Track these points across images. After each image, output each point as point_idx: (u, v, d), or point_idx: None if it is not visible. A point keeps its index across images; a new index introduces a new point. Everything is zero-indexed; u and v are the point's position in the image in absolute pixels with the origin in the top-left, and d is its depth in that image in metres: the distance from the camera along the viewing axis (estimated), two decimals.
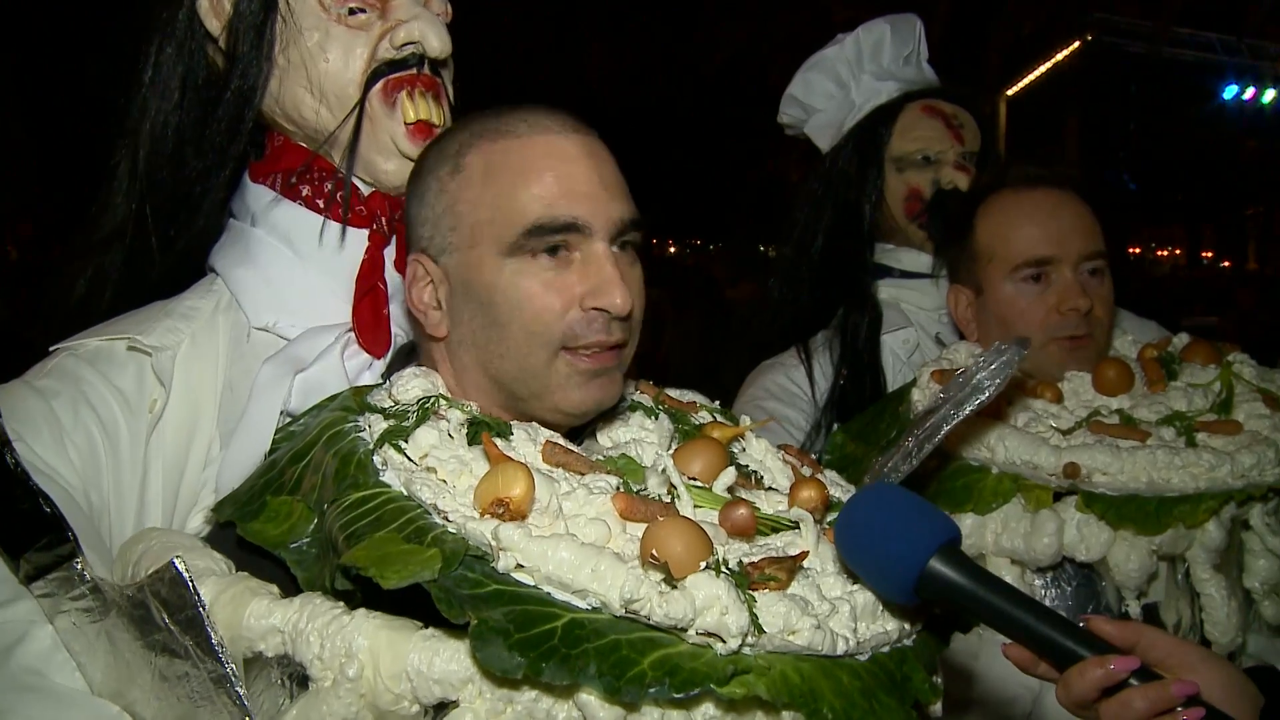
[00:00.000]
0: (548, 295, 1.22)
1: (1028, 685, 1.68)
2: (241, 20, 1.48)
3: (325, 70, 1.49)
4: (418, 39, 1.50)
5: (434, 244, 1.28)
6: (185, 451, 1.43)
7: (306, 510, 1.17)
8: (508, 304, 1.23)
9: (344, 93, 1.49)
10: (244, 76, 1.49)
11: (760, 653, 1.00)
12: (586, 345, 1.23)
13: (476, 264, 1.24)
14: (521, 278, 1.22)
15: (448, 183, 1.27)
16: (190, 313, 1.49)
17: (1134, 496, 1.69)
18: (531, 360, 1.24)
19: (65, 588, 1.15)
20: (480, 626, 0.94)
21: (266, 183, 1.55)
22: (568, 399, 1.25)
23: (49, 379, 1.39)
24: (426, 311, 1.29)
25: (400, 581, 0.98)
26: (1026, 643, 1.06)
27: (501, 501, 1.03)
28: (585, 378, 1.24)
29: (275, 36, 1.49)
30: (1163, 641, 1.06)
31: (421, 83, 1.51)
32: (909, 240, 2.39)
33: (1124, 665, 1.01)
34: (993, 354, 1.65)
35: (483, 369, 1.27)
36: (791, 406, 2.26)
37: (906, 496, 1.13)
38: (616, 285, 1.22)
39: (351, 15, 1.50)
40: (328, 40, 1.49)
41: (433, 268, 1.28)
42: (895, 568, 1.07)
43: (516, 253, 1.22)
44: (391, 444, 1.15)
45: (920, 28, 2.52)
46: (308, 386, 1.41)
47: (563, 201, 1.22)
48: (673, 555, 1.00)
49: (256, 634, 1.07)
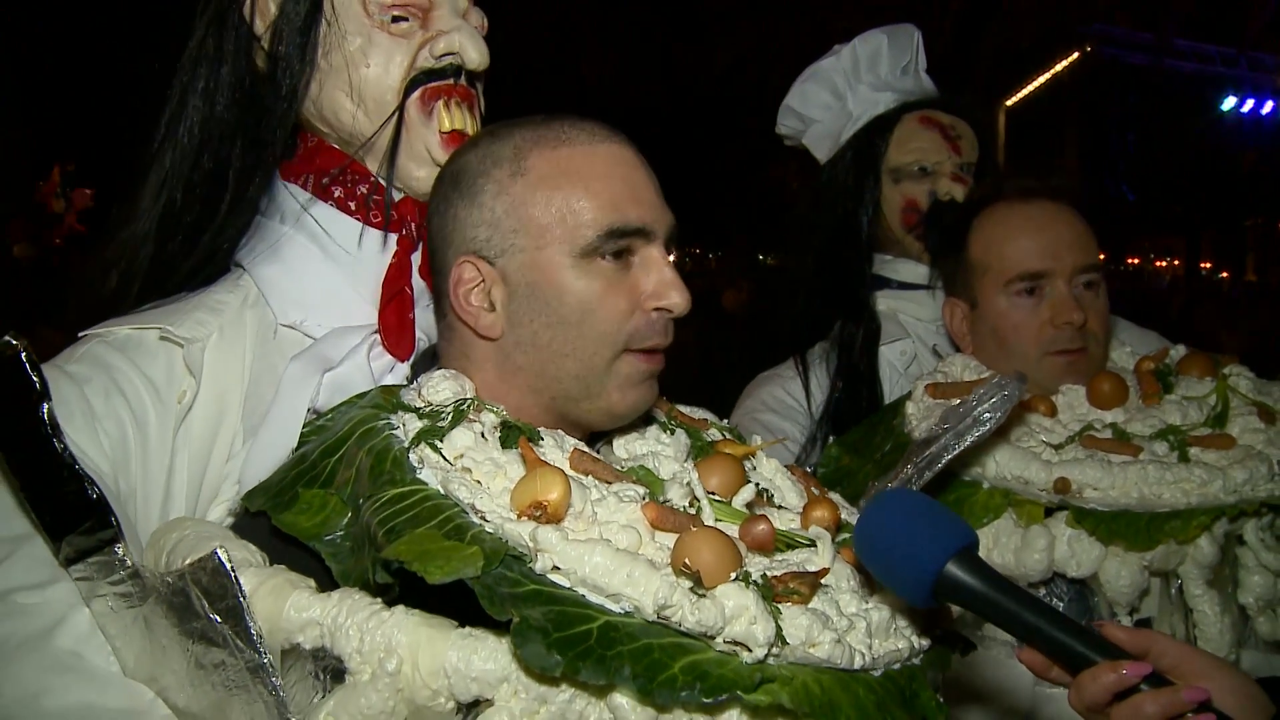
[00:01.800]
0: (616, 296, 1.27)
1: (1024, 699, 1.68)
2: (286, 22, 1.50)
3: (365, 76, 1.51)
4: (457, 50, 1.52)
5: (491, 245, 1.29)
6: (210, 444, 1.44)
7: (340, 504, 1.18)
8: (579, 305, 1.26)
9: (382, 99, 1.51)
10: (286, 78, 1.51)
11: (783, 663, 1.03)
12: (647, 347, 1.29)
13: (544, 266, 1.26)
14: (591, 280, 1.26)
15: (509, 185, 1.28)
16: (219, 306, 1.50)
17: (1125, 512, 1.69)
18: (597, 360, 1.27)
19: (104, 572, 1.16)
20: (522, 624, 0.96)
21: (298, 182, 1.56)
22: (624, 399, 1.30)
23: (81, 365, 1.39)
24: (478, 313, 1.30)
25: (445, 577, 0.99)
26: (1040, 647, 1.07)
27: (539, 504, 1.06)
28: (641, 378, 1.30)
29: (319, 39, 1.51)
30: (1174, 648, 1.07)
31: (458, 93, 1.54)
32: (906, 251, 2.38)
33: (1136, 670, 1.02)
34: (993, 388, 1.67)
35: (539, 370, 1.29)
36: (787, 419, 2.26)
37: (925, 501, 1.15)
38: (677, 287, 1.28)
39: (394, 23, 1.51)
40: (370, 46, 1.51)
41: (487, 269, 1.29)
42: (913, 571, 1.08)
43: (588, 255, 1.26)
44: (428, 443, 1.17)
45: (918, 38, 2.52)
46: (335, 385, 1.43)
47: (631, 207, 1.27)
48: (704, 564, 1.04)
49: (295, 626, 1.08)
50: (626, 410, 1.31)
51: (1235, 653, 1.72)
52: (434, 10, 1.54)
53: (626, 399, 1.30)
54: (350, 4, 1.51)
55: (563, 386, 1.29)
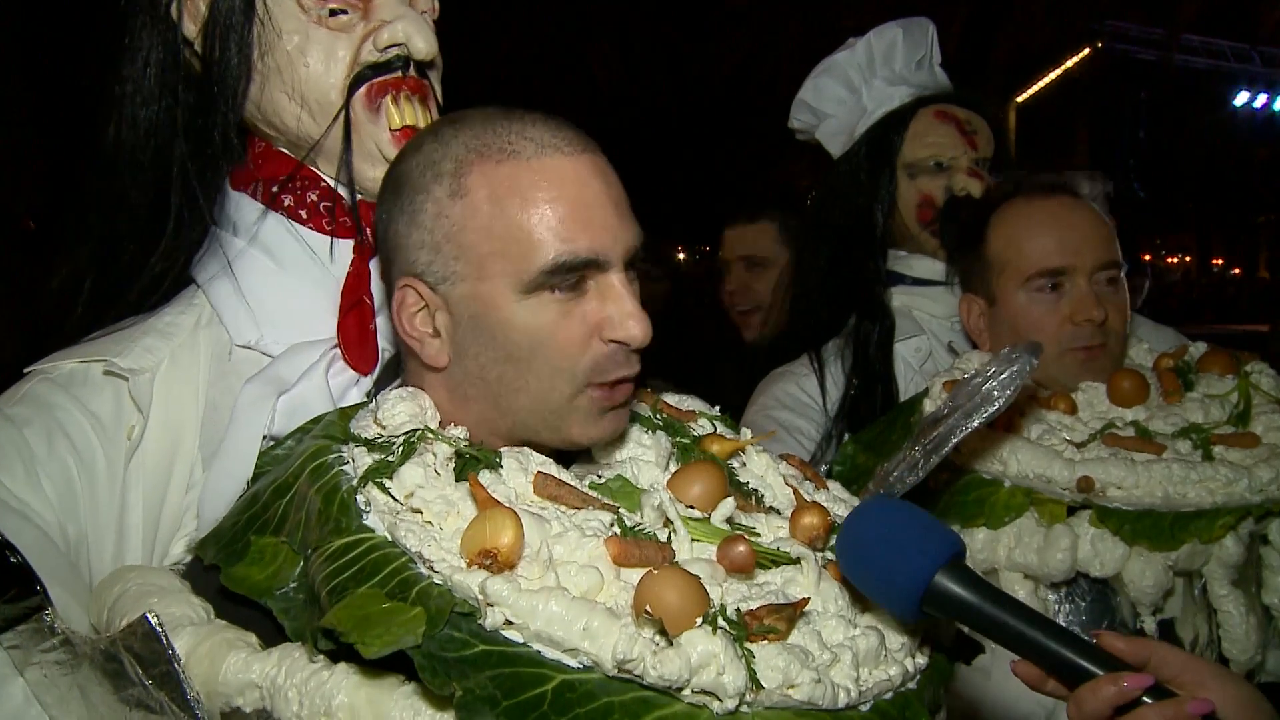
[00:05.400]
0: (568, 326, 1.17)
1: (1040, 702, 1.65)
2: (217, 23, 1.41)
3: (306, 75, 1.42)
4: (402, 40, 1.43)
5: (431, 270, 1.19)
6: (167, 476, 1.39)
7: (291, 553, 1.12)
8: (528, 341, 1.17)
9: (326, 98, 1.43)
10: (221, 82, 1.43)
11: (758, 710, 0.96)
12: (611, 380, 1.19)
13: (487, 298, 1.17)
14: (540, 313, 1.16)
15: (447, 206, 1.17)
16: (170, 329, 1.44)
17: (1149, 511, 1.66)
18: (554, 396, 1.18)
19: (35, 639, 1.12)
20: (466, 696, 0.90)
21: (248, 190, 1.49)
22: (586, 433, 1.21)
23: (20, 406, 1.34)
24: (423, 339, 1.21)
25: (382, 649, 0.93)
26: (1035, 659, 1.03)
27: (489, 552, 0.99)
28: (603, 411, 1.20)
29: (253, 40, 1.42)
30: (1175, 658, 1.03)
31: (408, 86, 1.45)
32: (921, 247, 2.36)
33: (1137, 683, 0.98)
34: (1003, 362, 1.60)
35: (492, 402, 1.21)
36: (802, 416, 2.24)
37: (909, 510, 1.10)
38: (636, 318, 1.18)
39: (332, 16, 1.42)
40: (307, 43, 1.42)
41: (429, 295, 1.19)
42: (900, 584, 1.04)
43: (535, 290, 1.16)
44: (375, 483, 1.10)
45: (933, 32, 2.50)
46: (291, 408, 1.36)
47: (581, 235, 1.16)
48: (668, 610, 0.96)
49: (234, 689, 1.04)
50: (595, 442, 1.23)
51: (1260, 654, 1.71)
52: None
53: (589, 433, 1.21)
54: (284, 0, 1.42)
55: (519, 419, 1.20)
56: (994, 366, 1.61)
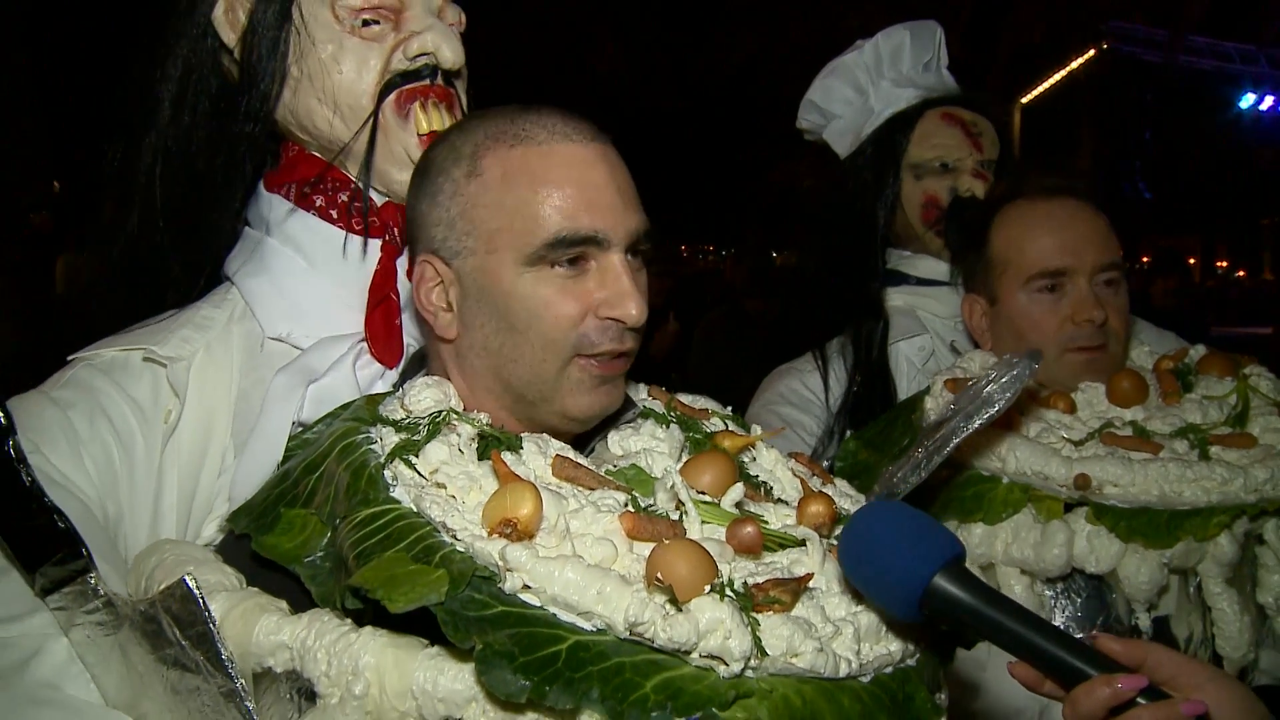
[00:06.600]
0: (565, 302, 1.23)
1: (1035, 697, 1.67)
2: (256, 32, 1.49)
3: (339, 82, 1.49)
4: (431, 50, 1.50)
5: (446, 246, 1.27)
6: (200, 461, 1.44)
7: (320, 524, 1.17)
8: (525, 312, 1.24)
9: (357, 104, 1.50)
10: (258, 88, 1.49)
11: (763, 676, 1.00)
12: (599, 353, 1.25)
13: (493, 271, 1.24)
14: (540, 286, 1.23)
15: (463, 185, 1.26)
16: (205, 322, 1.50)
17: (1145, 509, 1.69)
18: (545, 366, 1.25)
19: (79, 601, 1.16)
20: (486, 650, 0.95)
21: (281, 192, 1.56)
22: (576, 404, 1.27)
23: (65, 390, 1.40)
24: (436, 313, 1.29)
25: (408, 605, 0.98)
26: (1032, 660, 1.05)
27: (509, 521, 1.04)
28: (595, 383, 1.26)
29: (289, 48, 1.49)
30: (1170, 660, 1.05)
31: (435, 94, 1.52)
32: (926, 247, 2.38)
33: (1132, 684, 1.00)
34: (1004, 367, 1.64)
35: (494, 373, 1.27)
36: (805, 412, 2.26)
37: (909, 512, 1.12)
38: (632, 297, 1.24)
39: (365, 26, 1.50)
40: (341, 52, 1.49)
41: (444, 270, 1.27)
42: (899, 585, 1.06)
43: (536, 263, 1.23)
44: (402, 459, 1.16)
45: (940, 34, 2.51)
46: (320, 397, 1.42)
47: (584, 214, 1.23)
48: (678, 578, 1.01)
49: (265, 650, 1.08)
50: (583, 414, 1.28)
51: (1253, 652, 1.72)
52: (406, 11, 1.52)
53: (580, 404, 1.27)
54: (319, 11, 1.49)
55: (517, 390, 1.27)
56: (995, 371, 1.65)
